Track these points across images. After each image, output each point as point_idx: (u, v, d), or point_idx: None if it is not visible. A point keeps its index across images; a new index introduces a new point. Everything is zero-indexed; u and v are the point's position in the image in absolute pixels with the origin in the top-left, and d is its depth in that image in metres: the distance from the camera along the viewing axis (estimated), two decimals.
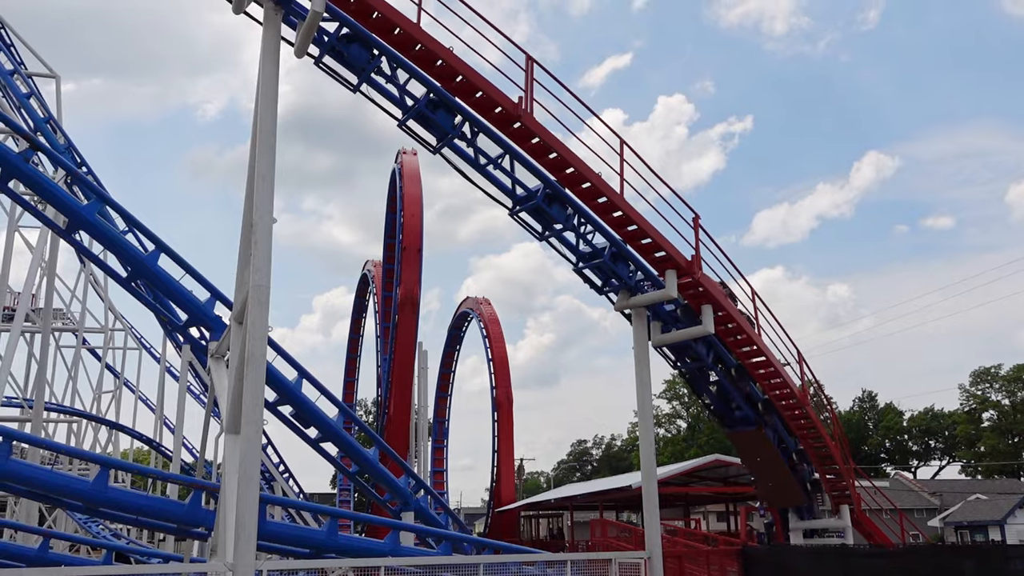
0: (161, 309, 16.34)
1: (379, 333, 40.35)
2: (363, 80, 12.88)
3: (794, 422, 18.44)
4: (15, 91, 26.67)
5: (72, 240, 16.75)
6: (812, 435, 18.73)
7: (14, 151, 15.31)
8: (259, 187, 11.15)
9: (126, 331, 41.66)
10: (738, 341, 16.75)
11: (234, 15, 12.19)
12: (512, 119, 12.81)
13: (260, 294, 10.51)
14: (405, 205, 30.63)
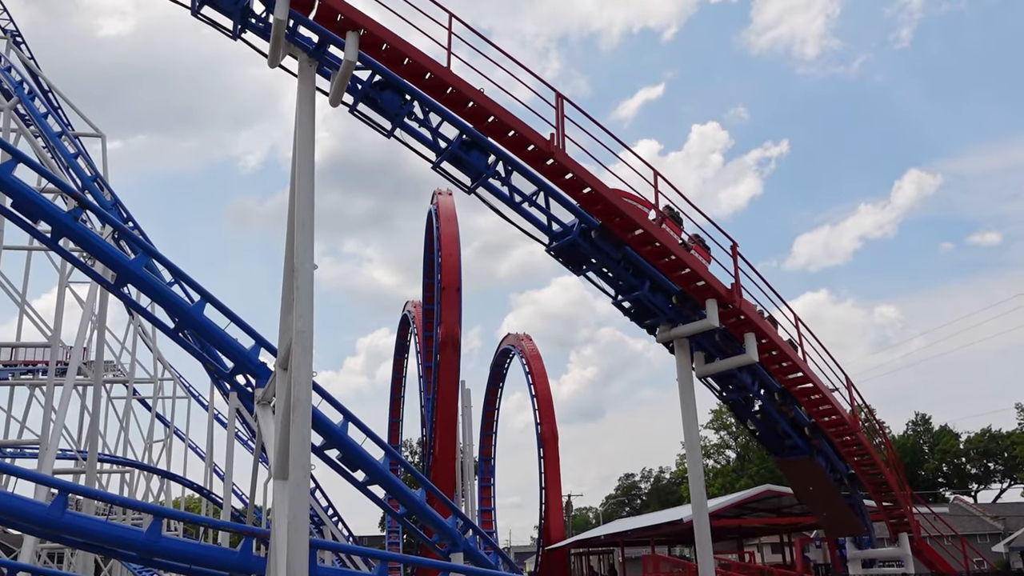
0: (208, 358, 16.62)
1: (422, 373, 40.50)
2: (397, 125, 13.12)
3: (845, 449, 18.05)
4: (63, 152, 27.53)
5: (121, 294, 17.14)
6: (865, 461, 18.32)
7: (64, 210, 15.79)
8: (299, 234, 11.36)
9: (174, 380, 42.32)
10: (784, 368, 16.53)
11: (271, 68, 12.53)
12: (545, 156, 12.92)
13: (304, 340, 10.65)
14: (442, 245, 30.88)
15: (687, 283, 14.49)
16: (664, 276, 14.39)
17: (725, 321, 14.95)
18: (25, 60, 31.69)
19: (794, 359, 16.31)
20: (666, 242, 13.95)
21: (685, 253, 14.28)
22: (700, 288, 14.53)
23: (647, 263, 14.34)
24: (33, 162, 17.59)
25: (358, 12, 11.96)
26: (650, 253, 14.13)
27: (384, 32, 12.04)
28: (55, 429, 23.04)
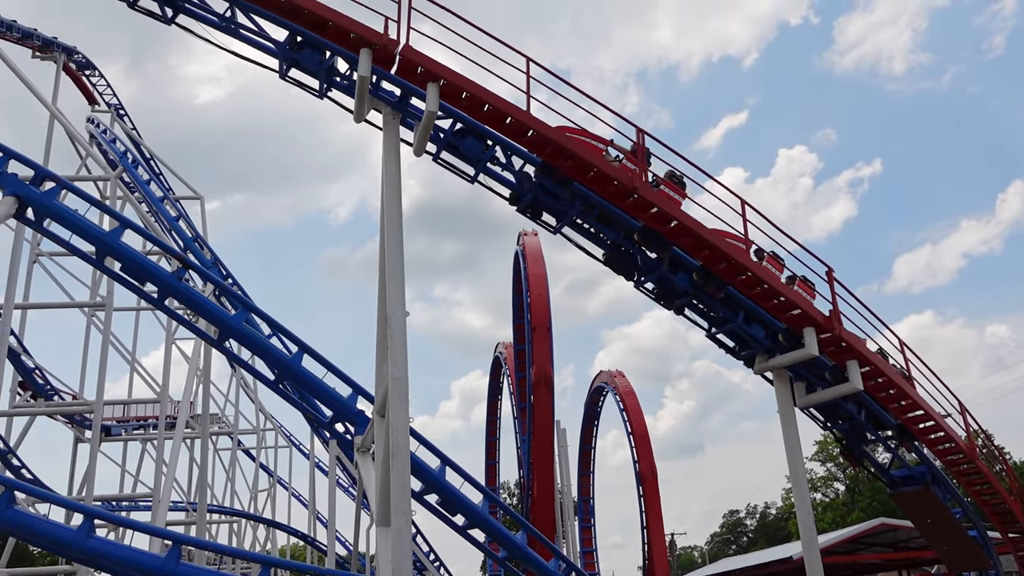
0: (307, 407, 17.01)
1: (516, 414, 40.46)
2: (480, 170, 13.30)
3: (963, 478, 17.15)
4: (165, 215, 28.90)
5: (223, 348, 17.79)
6: (986, 491, 17.35)
7: (168, 271, 16.54)
8: (390, 283, 11.59)
9: (276, 430, 43.47)
10: (891, 396, 15.86)
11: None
12: (628, 192, 12.87)
13: (399, 386, 10.80)
14: (531, 285, 30.97)
15: (783, 312, 14.12)
16: (759, 307, 14.06)
17: (825, 349, 14.49)
18: (128, 131, 33.51)
19: (901, 385, 15.65)
20: (767, 278, 13.64)
21: (785, 287, 13.93)
22: (797, 317, 14.14)
23: (739, 294, 14.06)
24: (139, 227, 18.52)
25: (437, 64, 12.26)
26: (742, 284, 13.85)
27: (463, 81, 12.29)
28: (167, 482, 23.88)
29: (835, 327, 14.28)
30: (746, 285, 13.77)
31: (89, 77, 33.48)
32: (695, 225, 13.20)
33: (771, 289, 13.70)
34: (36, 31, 29.13)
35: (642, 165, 13.14)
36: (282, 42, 12.94)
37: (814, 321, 14.08)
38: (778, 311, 14.03)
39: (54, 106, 27.79)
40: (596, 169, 12.75)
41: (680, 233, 13.26)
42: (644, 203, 13.00)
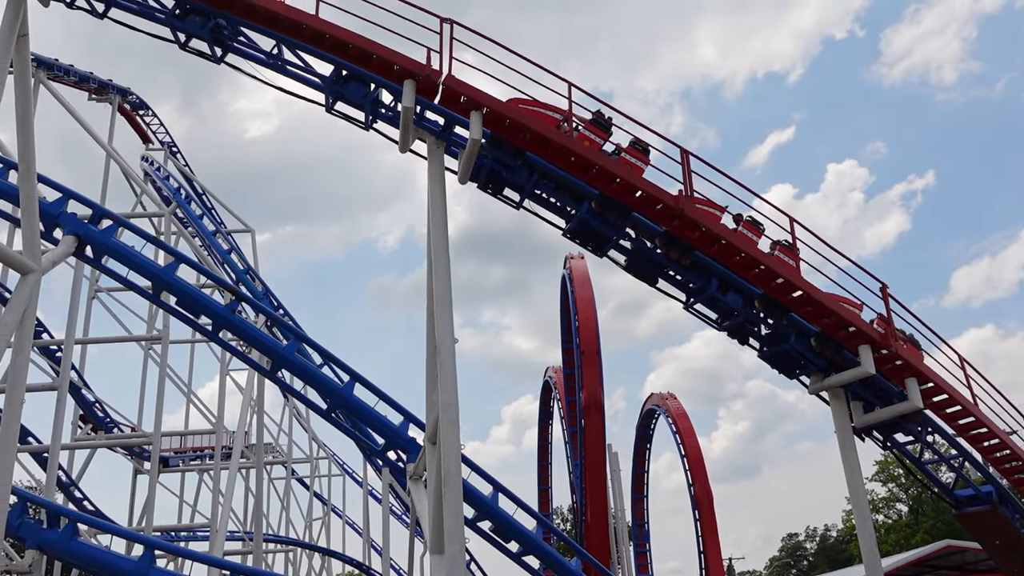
0: (360, 436, 17.15)
1: (567, 439, 40.19)
2: (525, 196, 13.33)
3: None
4: (218, 248, 29.52)
5: (276, 379, 18.04)
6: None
7: (222, 304, 16.86)
8: (438, 311, 11.67)
9: (329, 459, 43.80)
10: (953, 414, 15.43)
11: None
12: (674, 213, 12.80)
13: (450, 413, 10.83)
14: (578, 309, 30.88)
15: (836, 330, 13.86)
16: (811, 325, 13.82)
17: (882, 367, 14.16)
18: (181, 167, 34.41)
19: (963, 402, 15.22)
20: (810, 291, 13.43)
21: (843, 307, 13.67)
22: (852, 334, 13.87)
23: (793, 313, 13.84)
24: (193, 261, 18.94)
25: (480, 92, 12.37)
26: (793, 303, 13.64)
27: (506, 108, 12.38)
28: (223, 512, 24.21)
29: (891, 344, 13.96)
30: (798, 304, 13.57)
31: (143, 116, 34.46)
32: (723, 231, 13.03)
33: (824, 307, 13.46)
34: (92, 74, 30.13)
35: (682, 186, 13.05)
36: (328, 77, 13.19)
37: (869, 338, 13.79)
38: (833, 329, 13.78)
39: (110, 146, 28.66)
40: (641, 192, 12.70)
41: (710, 240, 13.12)
42: (692, 223, 12.90)
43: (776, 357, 14.41)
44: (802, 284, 13.42)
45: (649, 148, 13.17)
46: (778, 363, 14.67)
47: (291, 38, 13.08)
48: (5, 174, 16.12)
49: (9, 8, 13.15)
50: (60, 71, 28.32)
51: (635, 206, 12.97)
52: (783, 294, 13.53)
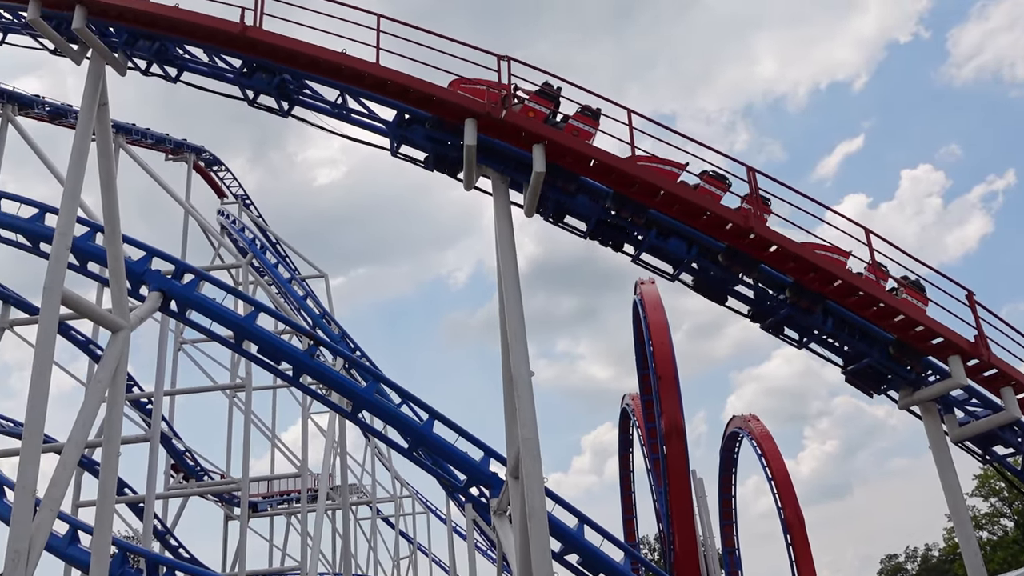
0: (441, 472, 17.24)
1: (649, 466, 39.64)
2: (592, 225, 13.31)
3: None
4: (294, 295, 30.25)
5: (357, 420, 18.31)
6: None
7: (301, 349, 17.25)
8: (513, 344, 11.70)
9: (412, 496, 44.09)
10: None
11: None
12: (744, 232, 12.62)
13: (530, 447, 10.81)
14: (652, 334, 30.55)
15: (923, 342, 13.40)
16: (890, 334, 13.38)
17: (974, 377, 13.62)
18: (254, 219, 35.47)
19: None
20: (892, 303, 13.03)
21: (927, 317, 13.22)
22: (940, 345, 13.39)
23: (874, 326, 13.45)
24: (271, 309, 19.50)
25: (541, 125, 12.47)
26: (874, 316, 13.25)
27: (568, 140, 12.44)
28: (312, 554, 24.54)
29: (983, 353, 13.42)
30: (880, 316, 13.18)
31: (216, 172, 35.72)
32: (795, 247, 12.75)
33: (910, 320, 13.04)
34: (167, 136, 31.41)
35: (761, 206, 12.86)
36: (391, 121, 13.46)
37: (959, 348, 13.29)
38: (919, 341, 13.33)
39: (187, 202, 29.76)
40: (709, 213, 12.58)
41: (783, 257, 12.84)
42: (764, 242, 12.70)
43: (859, 374, 13.99)
44: (885, 297, 13.05)
45: (727, 180, 13.12)
46: (863, 380, 14.24)
47: (354, 87, 13.40)
48: (92, 236, 16.87)
49: (89, 80, 13.87)
50: (138, 135, 29.62)
51: (702, 228, 12.85)
52: (866, 308, 13.18)
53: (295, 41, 13.18)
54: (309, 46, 13.12)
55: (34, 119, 26.33)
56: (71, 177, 13.49)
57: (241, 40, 13.27)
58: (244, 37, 13.17)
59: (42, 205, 17.83)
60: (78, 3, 13.38)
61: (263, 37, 13.16)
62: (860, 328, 13.17)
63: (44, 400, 11.91)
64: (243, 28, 13.11)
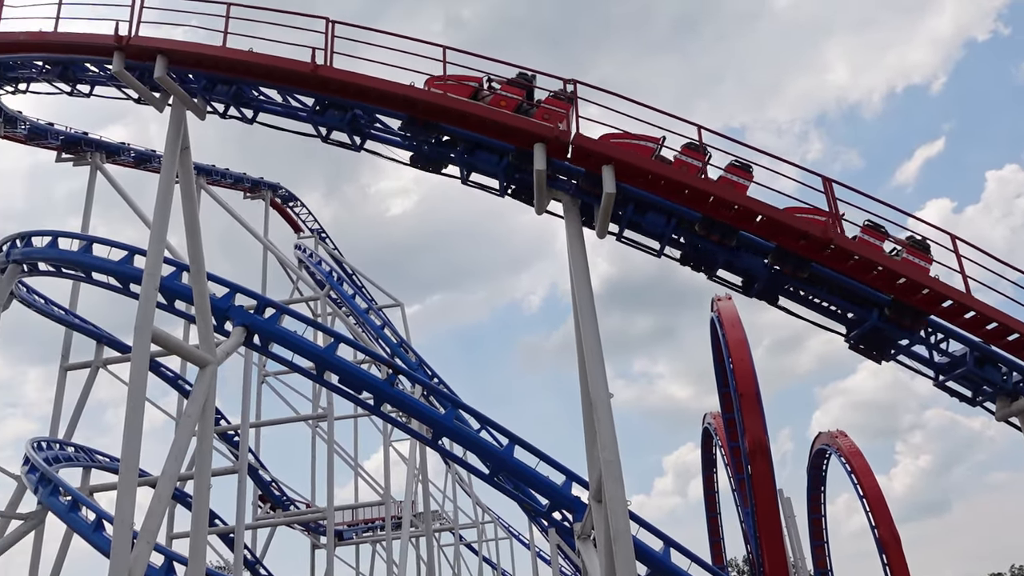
0: (523, 497, 17.21)
1: (734, 486, 38.78)
2: (665, 244, 13.21)
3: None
4: (371, 325, 30.72)
5: (438, 447, 18.42)
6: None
7: (380, 378, 17.50)
8: (590, 367, 11.64)
9: (494, 522, 44.02)
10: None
11: None
12: (823, 244, 12.33)
13: (612, 469, 10.71)
14: (731, 351, 29.99)
15: (1019, 349, 12.83)
16: (992, 347, 12.85)
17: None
18: (330, 251, 36.27)
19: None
20: (984, 311, 12.52)
21: (1010, 319, 12.68)
22: (952, 308, 12.76)
23: (965, 333, 12.94)
24: (350, 339, 19.83)
25: (610, 146, 12.45)
26: (966, 325, 12.75)
27: (638, 160, 12.38)
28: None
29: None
30: (973, 326, 12.68)
31: (293, 208, 36.70)
32: (879, 257, 12.36)
33: (1006, 327, 12.50)
34: (245, 175, 32.45)
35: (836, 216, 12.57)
36: (460, 151, 13.62)
37: None
38: (1015, 350, 12.77)
39: (266, 238, 30.62)
40: (793, 228, 12.33)
41: (865, 267, 12.45)
42: (843, 254, 12.38)
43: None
44: (974, 304, 12.56)
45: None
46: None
47: (423, 118, 13.62)
48: (178, 275, 17.47)
49: (171, 126, 14.43)
50: (218, 175, 30.67)
51: (779, 241, 12.60)
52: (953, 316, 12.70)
53: (365, 77, 13.50)
54: (378, 81, 13.42)
55: (120, 165, 27.50)
56: (157, 220, 14.02)
57: (313, 79, 13.65)
58: (316, 76, 13.54)
59: (131, 247, 18.58)
60: (159, 53, 13.98)
61: (334, 75, 13.52)
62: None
63: (138, 436, 12.34)
64: (314, 67, 13.49)
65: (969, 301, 12.51)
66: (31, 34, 15.65)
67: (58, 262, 20.06)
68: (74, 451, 22.82)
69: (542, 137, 12.51)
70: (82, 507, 18.62)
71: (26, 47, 15.91)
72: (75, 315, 24.16)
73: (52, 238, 20.11)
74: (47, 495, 18.77)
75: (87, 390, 23.90)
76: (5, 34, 15.82)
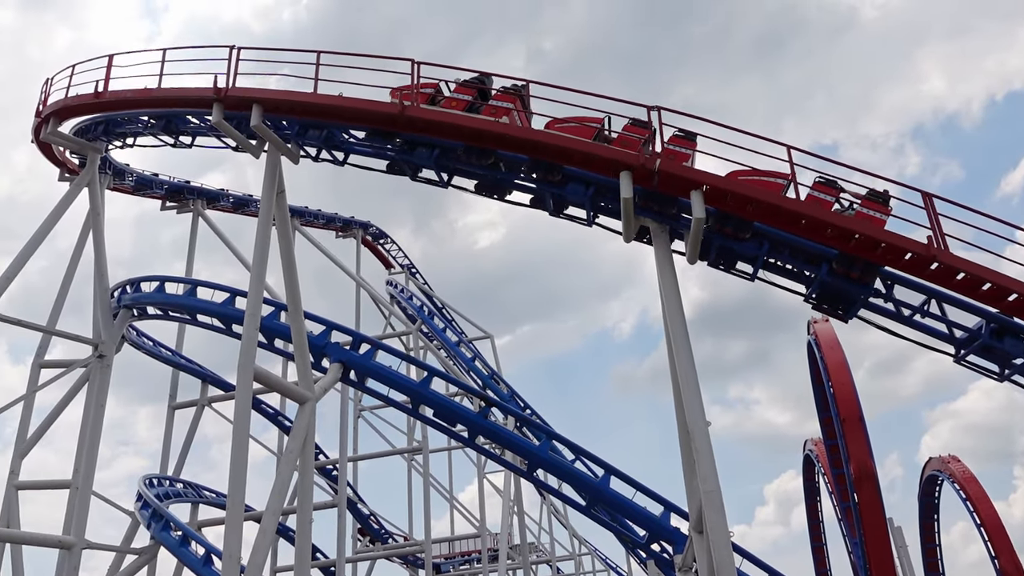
0: (620, 528, 16.96)
1: (840, 515, 37.34)
2: (758, 267, 12.96)
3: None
4: (462, 357, 31.00)
5: (533, 478, 18.40)
6: None
7: (473, 410, 17.60)
8: (686, 395, 11.46)
9: (591, 554, 43.45)
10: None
11: None
12: (927, 261, 11.87)
13: (713, 500, 10.49)
14: (831, 375, 29.00)
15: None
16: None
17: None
18: (420, 286, 36.86)
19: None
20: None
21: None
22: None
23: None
24: (442, 373, 20.04)
25: (697, 171, 12.34)
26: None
27: (727, 183, 12.22)
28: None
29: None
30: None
31: (383, 245, 37.50)
32: (988, 273, 11.76)
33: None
34: (337, 215, 33.37)
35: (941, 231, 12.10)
36: (546, 183, 13.69)
37: None
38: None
39: (358, 275, 31.35)
40: (884, 244, 11.95)
41: (973, 284, 11.87)
42: (948, 270, 11.90)
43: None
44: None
45: (889, 196, 12.39)
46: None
47: (509, 152, 13.78)
48: (277, 315, 18.03)
49: (267, 171, 15.00)
50: (310, 216, 31.64)
51: (880, 260, 12.20)
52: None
53: (451, 115, 13.75)
54: (464, 118, 13.65)
55: (220, 211, 28.65)
56: (256, 262, 14.54)
57: (401, 119, 14.00)
58: (404, 116, 13.88)
59: (232, 289, 19.30)
60: (255, 102, 14.58)
61: (421, 114, 13.83)
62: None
63: (244, 472, 12.72)
64: (402, 108, 13.84)
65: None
66: (137, 91, 16.56)
67: (165, 306, 20.96)
68: (183, 487, 23.67)
69: (628, 165, 12.49)
70: (192, 542, 19.26)
71: (133, 104, 16.86)
72: (181, 356, 25.16)
73: (159, 283, 21.05)
74: (159, 530, 19.49)
75: (193, 427, 24.82)
76: (115, 93, 16.79)
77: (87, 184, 19.92)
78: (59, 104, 18.08)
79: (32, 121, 19.30)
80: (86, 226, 20.54)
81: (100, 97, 16.96)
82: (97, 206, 20.31)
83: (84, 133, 19.26)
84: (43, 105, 18.78)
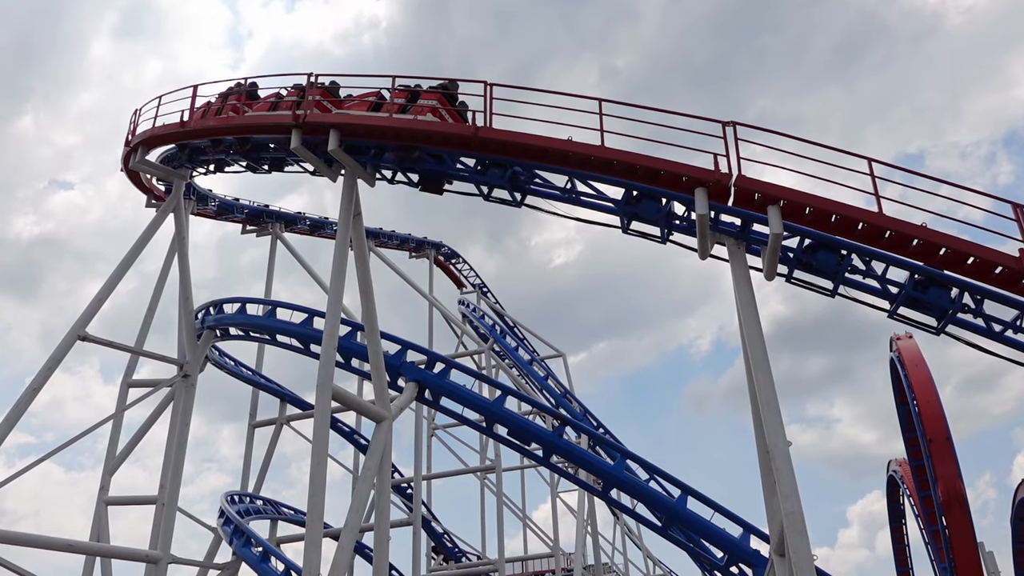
0: (697, 550, 16.65)
1: (927, 539, 36.00)
2: (839, 283, 12.66)
3: None
4: (535, 376, 30.98)
5: (607, 498, 18.22)
6: None
7: (547, 429, 17.57)
8: (766, 414, 11.24)
9: (666, 575, 42.73)
10: None
11: None
12: (1019, 275, 11.44)
13: (795, 522, 10.24)
14: (916, 392, 28.07)
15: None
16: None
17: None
18: (492, 305, 37.04)
19: None
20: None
21: None
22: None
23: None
24: (515, 391, 20.03)
25: (774, 186, 12.14)
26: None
27: (804, 197, 12.01)
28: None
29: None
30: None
31: (455, 264, 37.88)
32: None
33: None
34: (410, 235, 33.88)
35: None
36: (620, 200, 13.66)
37: None
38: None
39: (431, 295, 31.70)
40: (976, 258, 11.55)
41: None
42: None
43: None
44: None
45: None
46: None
47: (582, 171, 13.80)
48: (353, 335, 18.33)
49: (344, 194, 15.32)
50: (385, 237, 32.21)
51: (967, 273, 11.80)
52: None
53: (523, 135, 13.87)
54: (536, 138, 13.74)
55: (297, 233, 29.36)
56: (334, 283, 14.84)
57: (474, 141, 14.17)
58: (477, 138, 14.05)
59: (310, 310, 19.69)
60: (332, 127, 14.93)
61: (494, 136, 13.98)
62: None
63: (322, 489, 12.93)
64: (475, 130, 14.01)
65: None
66: (220, 119, 17.13)
67: (246, 327, 21.51)
68: (262, 504, 24.16)
69: (702, 181, 12.38)
70: (272, 558, 19.62)
71: (216, 132, 17.43)
72: (261, 375, 25.77)
73: (241, 305, 21.63)
74: (240, 546, 19.91)
75: (272, 445, 25.35)
76: (201, 122, 17.41)
77: (172, 210, 20.60)
78: (146, 134, 18.82)
79: (122, 150, 20.14)
80: (171, 250, 21.22)
81: (185, 126, 17.61)
82: (182, 230, 20.98)
83: (170, 161, 19.99)
84: (132, 135, 19.57)
